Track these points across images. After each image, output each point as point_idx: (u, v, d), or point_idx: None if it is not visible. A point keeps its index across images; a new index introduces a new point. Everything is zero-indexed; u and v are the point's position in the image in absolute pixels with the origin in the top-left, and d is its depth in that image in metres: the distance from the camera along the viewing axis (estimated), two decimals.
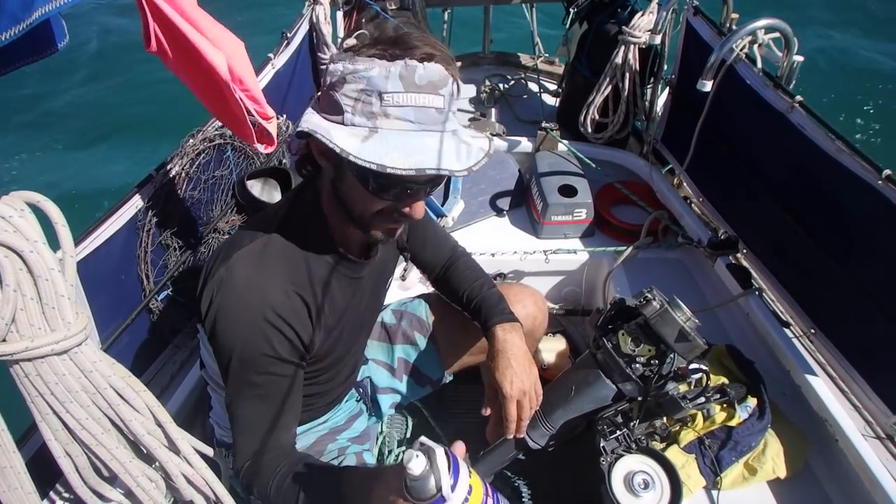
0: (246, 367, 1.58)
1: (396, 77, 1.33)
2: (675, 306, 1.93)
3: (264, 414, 1.64)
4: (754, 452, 2.28)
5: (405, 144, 1.35)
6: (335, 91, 1.37)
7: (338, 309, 1.75)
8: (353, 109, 1.36)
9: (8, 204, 1.07)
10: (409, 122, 1.37)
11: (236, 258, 1.57)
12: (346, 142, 1.34)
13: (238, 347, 1.55)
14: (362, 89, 1.34)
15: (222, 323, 1.54)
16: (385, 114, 1.35)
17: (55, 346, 1.11)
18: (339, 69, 1.36)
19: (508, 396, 1.91)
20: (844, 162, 2.25)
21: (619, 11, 3.80)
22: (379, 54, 1.35)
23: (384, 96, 1.33)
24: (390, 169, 1.31)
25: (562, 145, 3.85)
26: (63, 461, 1.25)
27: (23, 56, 1.43)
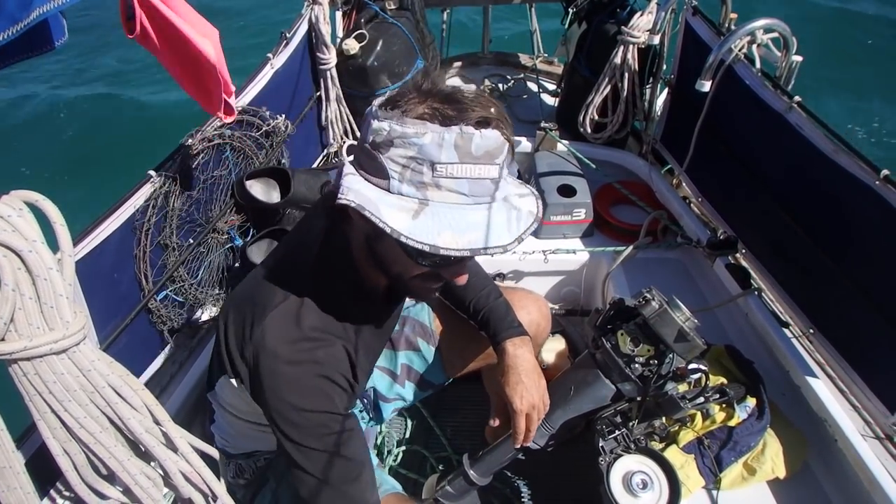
0: (311, 431, 1.52)
1: (451, 146, 1.23)
2: (675, 306, 1.93)
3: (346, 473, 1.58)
4: (753, 452, 2.28)
5: (457, 221, 1.27)
6: (380, 153, 1.26)
7: (371, 351, 1.75)
8: (401, 177, 1.26)
9: (6, 203, 1.07)
10: (462, 195, 1.28)
11: (272, 319, 1.51)
12: (395, 219, 1.24)
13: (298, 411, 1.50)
14: (412, 157, 1.24)
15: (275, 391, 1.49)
16: (437, 185, 1.26)
17: (54, 346, 1.11)
18: (385, 129, 1.25)
19: (518, 411, 1.93)
20: (842, 162, 2.25)
21: (618, 11, 3.80)
22: (429, 114, 1.25)
23: (437, 167, 1.24)
24: (443, 251, 1.24)
25: (561, 145, 3.85)
26: (61, 459, 1.25)
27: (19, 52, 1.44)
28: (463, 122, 1.24)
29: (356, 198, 1.24)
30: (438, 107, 1.25)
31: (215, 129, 2.78)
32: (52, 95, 9.51)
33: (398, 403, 2.35)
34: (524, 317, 2.18)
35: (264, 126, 3.03)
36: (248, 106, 2.98)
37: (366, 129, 1.31)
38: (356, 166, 1.33)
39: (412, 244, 1.23)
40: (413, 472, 2.65)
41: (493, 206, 1.34)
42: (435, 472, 2.40)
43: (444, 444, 2.78)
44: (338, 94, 3.77)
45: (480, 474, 2.14)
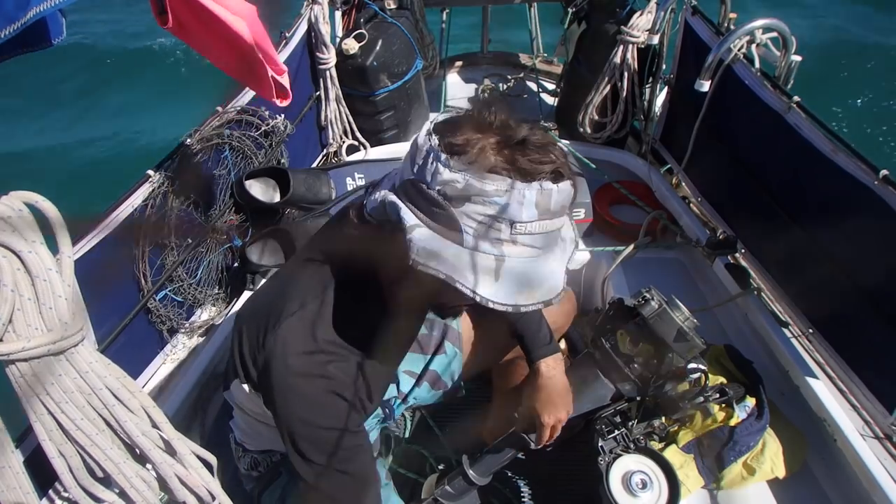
0: (316, 445, 1.51)
1: (532, 205, 1.21)
2: (674, 306, 1.94)
3: (347, 489, 1.58)
4: (753, 452, 2.28)
5: (531, 275, 1.25)
6: (453, 205, 1.22)
7: (387, 364, 1.75)
8: (476, 233, 1.22)
9: (6, 204, 1.07)
10: (536, 249, 1.26)
11: (286, 328, 1.49)
12: (480, 284, 1.20)
13: (304, 424, 1.50)
14: (492, 215, 1.20)
15: (284, 402, 1.49)
16: (514, 241, 1.23)
17: (52, 347, 1.11)
18: (460, 182, 1.20)
19: (545, 424, 1.98)
20: (841, 162, 2.26)
21: (617, 11, 3.79)
22: (505, 168, 1.20)
23: (517, 225, 1.21)
24: (523, 308, 1.23)
25: (560, 145, 3.84)
26: (57, 461, 1.25)
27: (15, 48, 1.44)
28: (540, 176, 1.21)
29: (440, 266, 1.20)
30: (510, 156, 1.21)
31: (214, 128, 2.78)
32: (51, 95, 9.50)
33: (410, 402, 2.35)
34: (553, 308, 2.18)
35: (263, 126, 3.03)
36: (247, 105, 2.98)
37: (428, 175, 1.24)
38: (415, 212, 1.26)
39: (497, 307, 1.21)
40: (412, 472, 2.64)
41: (556, 250, 1.33)
42: (434, 472, 2.40)
43: (444, 443, 2.78)
44: (337, 94, 3.77)
45: (480, 474, 2.14)
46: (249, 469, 2.03)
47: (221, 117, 2.84)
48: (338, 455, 1.51)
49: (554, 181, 1.22)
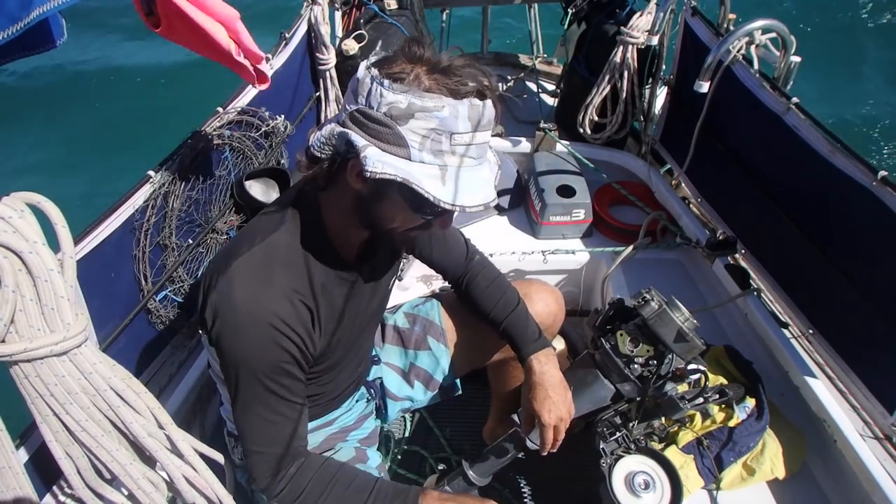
0: (256, 379, 1.58)
1: (465, 118, 1.37)
2: (674, 307, 1.94)
3: (278, 422, 1.65)
4: (753, 453, 2.28)
5: (472, 182, 1.43)
6: (399, 124, 1.37)
7: (336, 312, 1.75)
8: (421, 146, 1.38)
9: (8, 205, 1.07)
10: (472, 160, 1.43)
11: (235, 267, 1.55)
12: (431, 186, 1.37)
13: (248, 360, 1.56)
14: (433, 128, 1.36)
15: (229, 336, 1.54)
16: (452, 152, 1.40)
17: (54, 348, 1.11)
18: (402, 102, 1.35)
19: (547, 424, 1.99)
20: (839, 164, 2.26)
21: (617, 12, 3.79)
22: (437, 88, 1.37)
23: (454, 136, 1.38)
24: (468, 209, 1.41)
25: (560, 146, 3.85)
26: (64, 462, 1.25)
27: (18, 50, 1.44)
28: (470, 94, 1.38)
29: (396, 171, 1.35)
30: (441, 79, 1.38)
31: (214, 129, 2.78)
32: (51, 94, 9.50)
33: (405, 404, 2.35)
34: (542, 308, 2.28)
35: (263, 126, 3.02)
36: (247, 106, 2.98)
37: (374, 100, 1.38)
38: (365, 136, 1.40)
39: (445, 206, 1.38)
40: (412, 473, 2.65)
41: (486, 162, 1.51)
42: (434, 473, 2.40)
43: (444, 444, 2.78)
44: (337, 95, 3.77)
45: (480, 475, 2.14)
46: (243, 458, 2.05)
47: (222, 118, 2.83)
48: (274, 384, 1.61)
49: (480, 99, 1.40)
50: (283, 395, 1.63)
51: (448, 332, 2.34)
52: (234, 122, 2.90)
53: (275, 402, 1.63)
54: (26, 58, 1.49)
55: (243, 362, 1.56)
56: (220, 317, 1.53)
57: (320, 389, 1.95)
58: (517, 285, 2.24)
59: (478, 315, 2.21)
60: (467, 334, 2.34)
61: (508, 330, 2.12)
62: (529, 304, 2.20)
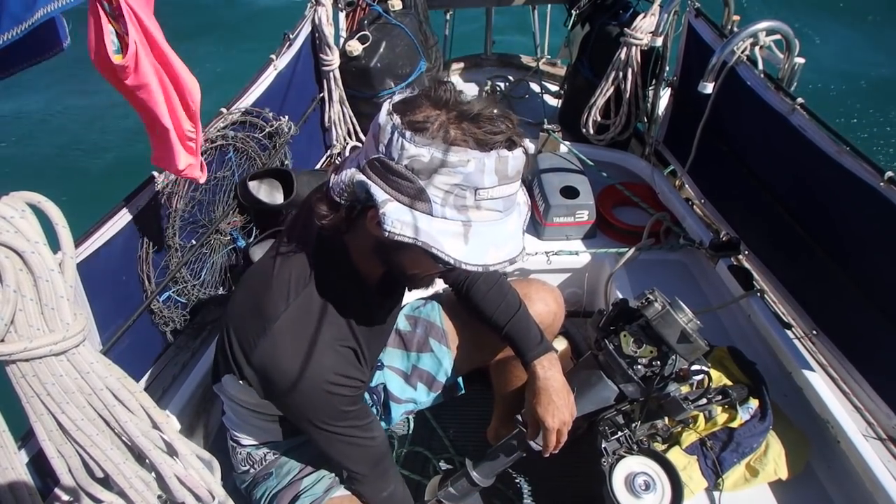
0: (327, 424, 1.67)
1: (492, 172, 1.31)
2: (677, 308, 1.94)
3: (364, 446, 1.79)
4: (756, 454, 2.28)
5: (496, 236, 1.38)
6: (420, 179, 1.31)
7: (373, 343, 1.81)
8: (444, 202, 1.33)
9: (9, 204, 1.07)
10: (498, 213, 1.38)
11: (278, 329, 1.57)
12: (451, 248, 1.33)
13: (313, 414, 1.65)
14: (457, 184, 1.31)
15: (288, 397, 1.61)
16: (478, 206, 1.34)
17: (53, 347, 1.11)
18: (426, 156, 1.29)
19: (551, 429, 2.00)
20: (846, 164, 2.25)
21: (620, 13, 3.79)
22: (464, 140, 1.30)
23: (479, 191, 1.32)
24: (492, 267, 1.37)
25: (563, 147, 3.85)
26: (56, 461, 1.25)
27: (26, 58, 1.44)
28: (497, 145, 1.32)
29: (414, 234, 1.32)
30: (468, 128, 1.31)
31: (218, 130, 2.78)
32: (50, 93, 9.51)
33: (409, 406, 2.35)
34: (542, 308, 2.29)
35: (267, 127, 3.03)
36: (251, 107, 2.98)
37: (395, 151, 1.33)
38: (385, 187, 1.36)
39: (469, 268, 1.35)
40: (416, 474, 2.64)
41: (513, 213, 1.44)
42: (438, 474, 2.40)
43: (447, 445, 2.78)
44: (341, 96, 3.77)
45: (483, 475, 2.14)
46: (244, 464, 2.05)
47: (226, 119, 2.84)
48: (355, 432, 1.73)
49: (509, 149, 1.33)
50: (355, 425, 1.73)
51: (449, 333, 2.34)
52: (237, 122, 2.90)
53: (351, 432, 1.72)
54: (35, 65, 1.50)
55: (309, 416, 1.65)
56: (273, 382, 1.58)
57: None
58: (517, 285, 2.24)
59: (479, 319, 2.20)
60: (468, 335, 2.34)
61: (511, 335, 2.12)
62: (529, 304, 2.20)
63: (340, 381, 1.60)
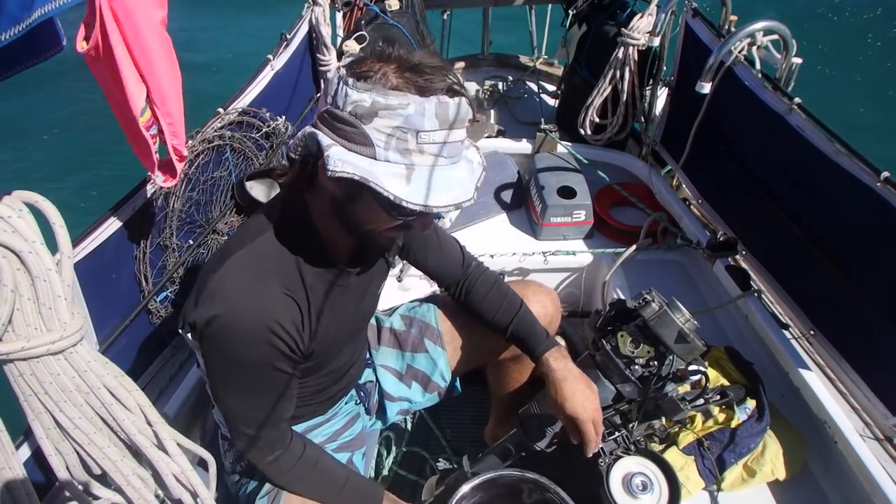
0: (245, 371, 1.62)
1: (433, 115, 1.35)
2: (675, 308, 1.94)
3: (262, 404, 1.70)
4: (753, 454, 2.28)
5: (443, 181, 1.40)
6: (364, 123, 1.36)
7: (326, 315, 1.76)
8: (387, 145, 1.36)
9: (6, 204, 1.07)
10: (442, 158, 1.40)
11: (227, 267, 1.57)
12: (393, 186, 1.35)
13: (237, 356, 1.59)
14: (398, 126, 1.34)
15: (221, 334, 1.55)
16: (420, 150, 1.37)
17: (51, 347, 1.11)
18: (367, 101, 1.34)
19: (585, 420, 1.96)
20: (843, 164, 2.26)
21: (617, 13, 3.79)
22: (405, 85, 1.36)
23: (421, 134, 1.35)
24: (436, 209, 1.39)
25: (561, 147, 3.85)
26: (54, 459, 1.25)
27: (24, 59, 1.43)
28: (438, 92, 1.36)
29: (355, 170, 1.34)
30: (410, 77, 1.37)
31: (215, 130, 2.78)
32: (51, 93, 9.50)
33: (404, 405, 2.34)
34: (539, 309, 2.24)
35: (264, 127, 3.02)
36: (248, 107, 2.98)
37: (340, 99, 1.38)
38: (332, 135, 1.41)
39: (410, 207, 1.36)
40: (413, 474, 2.64)
41: (461, 163, 1.48)
42: (435, 474, 2.40)
43: (445, 445, 2.78)
44: None
45: (481, 475, 2.14)
46: (234, 463, 2.05)
47: (223, 119, 2.84)
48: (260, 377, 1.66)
49: (451, 96, 1.38)
50: (267, 386, 1.68)
51: (445, 334, 2.33)
52: (234, 122, 2.90)
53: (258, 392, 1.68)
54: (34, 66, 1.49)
55: (232, 357, 1.59)
56: (214, 316, 1.53)
57: (311, 389, 1.96)
58: (513, 287, 2.24)
59: (481, 321, 2.19)
60: (465, 336, 2.33)
61: (516, 333, 2.11)
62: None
63: (277, 329, 1.57)
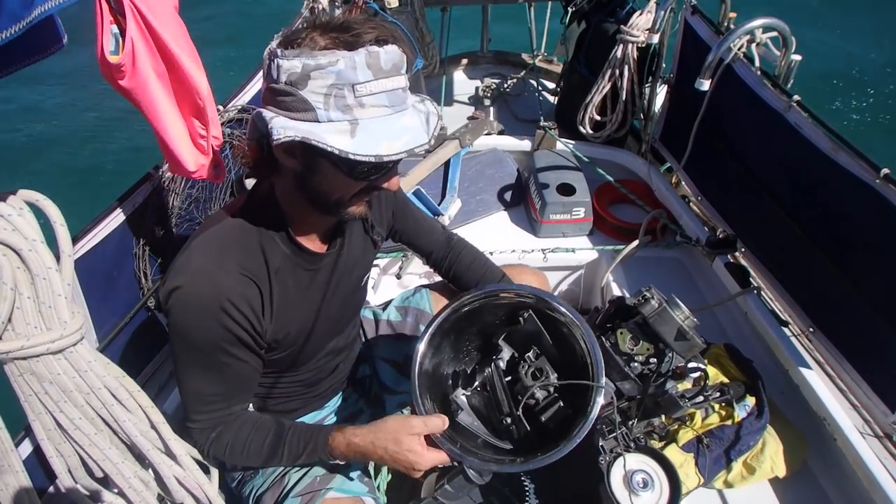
0: (198, 350, 1.59)
1: (364, 66, 1.34)
2: (674, 305, 1.93)
3: (213, 388, 1.65)
4: (753, 451, 2.28)
5: (390, 130, 1.39)
6: (299, 89, 1.36)
7: (292, 300, 1.74)
8: (326, 105, 1.36)
9: (7, 202, 1.07)
10: (384, 108, 1.39)
11: (194, 245, 1.58)
12: (337, 141, 1.34)
13: (191, 332, 1.56)
14: (333, 84, 1.34)
15: (178, 309, 1.53)
16: (360, 104, 1.36)
17: (51, 346, 1.11)
18: (298, 66, 1.34)
19: None
20: (841, 161, 2.25)
21: (617, 10, 3.79)
22: (333, 44, 1.36)
23: (357, 87, 1.35)
24: (387, 158, 1.36)
25: (560, 144, 3.85)
26: (55, 461, 1.25)
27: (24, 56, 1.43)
28: (365, 44, 1.35)
29: (296, 132, 1.34)
30: (337, 36, 1.37)
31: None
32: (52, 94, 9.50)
33: (403, 397, 2.34)
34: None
35: None
36: (247, 105, 2.98)
37: (274, 72, 1.38)
38: (275, 110, 1.40)
39: (359, 159, 1.35)
40: None
41: (409, 111, 1.46)
42: (434, 471, 2.40)
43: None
44: None
45: (480, 473, 2.13)
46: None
47: (222, 116, 2.83)
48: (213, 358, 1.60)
49: (379, 45, 1.37)
50: (219, 371, 1.63)
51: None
52: (234, 120, 2.89)
53: (210, 374, 1.63)
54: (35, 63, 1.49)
55: (185, 334, 1.56)
56: (173, 288, 1.52)
57: (295, 385, 1.97)
58: (506, 270, 2.26)
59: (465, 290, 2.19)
60: None
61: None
62: None
63: (231, 310, 1.56)
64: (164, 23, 1.90)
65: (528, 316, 1.91)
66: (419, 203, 3.45)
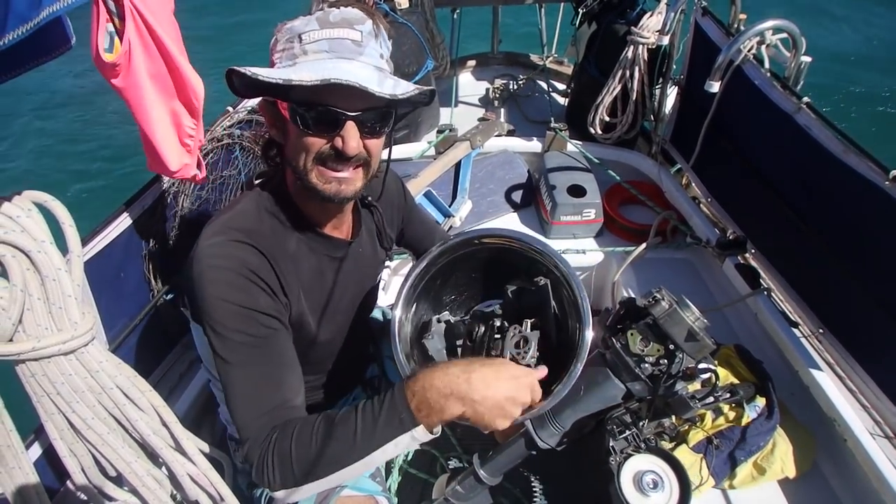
0: (231, 326, 1.50)
1: (314, 20, 1.47)
2: (684, 306, 1.93)
3: (262, 375, 1.53)
4: (763, 452, 2.27)
5: (316, 66, 1.44)
6: (272, 54, 1.53)
7: (306, 283, 1.73)
8: (281, 57, 1.50)
9: (16, 203, 1.08)
10: (324, 53, 1.46)
11: (205, 232, 1.58)
12: (276, 73, 1.43)
13: (219, 307, 1.49)
14: (287, 38, 1.48)
15: (199, 288, 1.50)
16: (304, 51, 1.46)
17: (62, 346, 1.12)
18: (275, 36, 1.52)
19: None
20: (851, 163, 2.25)
21: (627, 12, 3.79)
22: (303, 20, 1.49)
23: (302, 36, 1.46)
24: (296, 81, 1.39)
25: (570, 145, 3.85)
26: (68, 460, 1.26)
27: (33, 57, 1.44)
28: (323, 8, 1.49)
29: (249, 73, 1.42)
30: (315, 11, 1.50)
31: (224, 128, 2.78)
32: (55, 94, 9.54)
33: None
34: None
35: None
36: (257, 106, 2.99)
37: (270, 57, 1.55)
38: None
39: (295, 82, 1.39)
40: (423, 472, 2.65)
41: (358, 62, 1.49)
42: (445, 472, 2.40)
43: (454, 444, 2.78)
44: None
45: (490, 474, 2.13)
46: (244, 462, 2.04)
47: (232, 117, 2.84)
48: (252, 333, 1.53)
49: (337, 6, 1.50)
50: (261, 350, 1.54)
51: None
52: (244, 121, 2.90)
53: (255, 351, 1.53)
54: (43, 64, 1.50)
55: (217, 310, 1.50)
56: (193, 273, 1.51)
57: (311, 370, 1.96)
58: None
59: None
60: None
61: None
62: None
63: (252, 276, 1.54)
64: (164, 25, 1.95)
65: (542, 283, 1.92)
66: (430, 205, 3.46)
